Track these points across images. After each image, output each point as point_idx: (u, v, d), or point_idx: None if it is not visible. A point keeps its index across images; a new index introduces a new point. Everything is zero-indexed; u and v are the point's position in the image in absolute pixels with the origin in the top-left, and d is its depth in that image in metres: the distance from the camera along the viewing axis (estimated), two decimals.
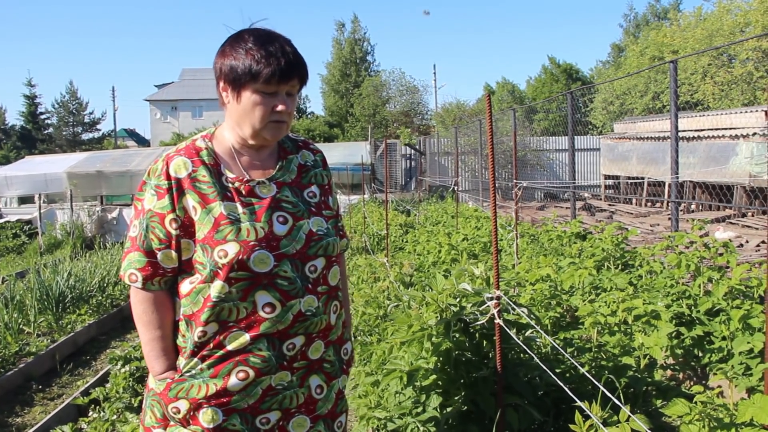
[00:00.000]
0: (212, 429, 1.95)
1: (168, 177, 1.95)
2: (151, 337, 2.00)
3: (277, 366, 1.98)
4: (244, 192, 1.99)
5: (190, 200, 1.94)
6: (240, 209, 1.95)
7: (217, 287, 1.91)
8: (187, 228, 1.95)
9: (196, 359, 1.96)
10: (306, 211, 2.06)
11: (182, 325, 2.00)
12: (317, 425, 2.11)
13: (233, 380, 1.94)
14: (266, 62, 1.90)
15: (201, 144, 2.04)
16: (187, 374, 1.97)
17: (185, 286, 1.98)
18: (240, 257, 1.88)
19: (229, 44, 1.98)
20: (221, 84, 2.00)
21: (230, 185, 1.98)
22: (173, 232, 1.94)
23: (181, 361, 1.99)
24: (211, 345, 1.95)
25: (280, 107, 1.96)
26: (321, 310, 2.05)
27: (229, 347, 1.94)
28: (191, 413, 1.96)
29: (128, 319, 9.32)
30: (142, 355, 6.20)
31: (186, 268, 1.98)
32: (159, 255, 1.95)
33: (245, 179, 2.01)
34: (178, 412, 1.97)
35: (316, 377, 2.10)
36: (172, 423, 2.00)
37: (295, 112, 2.10)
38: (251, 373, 1.95)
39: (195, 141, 2.05)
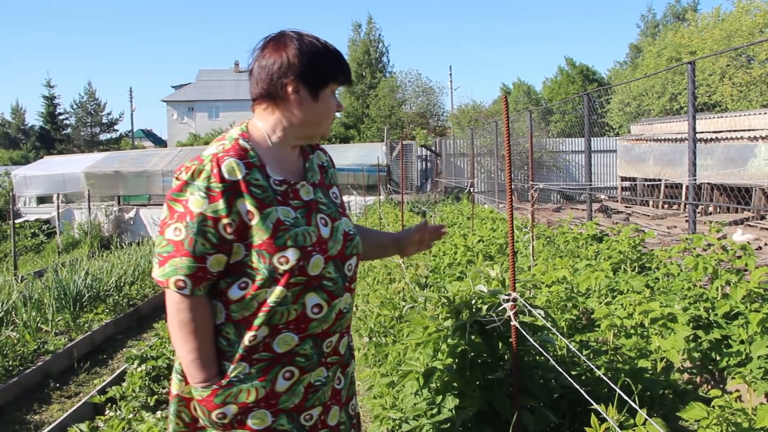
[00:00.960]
0: (262, 431, 1.95)
1: (222, 179, 1.87)
2: (197, 345, 1.91)
3: (317, 363, 2.03)
4: (292, 195, 1.99)
5: (247, 204, 1.88)
6: (293, 213, 1.96)
7: (276, 293, 1.90)
8: (240, 232, 1.89)
9: (244, 363, 1.93)
10: (336, 212, 2.11)
11: (229, 330, 1.94)
12: (342, 413, 2.17)
13: (280, 381, 1.96)
14: (345, 65, 2.01)
15: (245, 144, 1.97)
16: (235, 380, 1.92)
17: (235, 292, 1.93)
18: (300, 263, 1.90)
19: (298, 43, 1.96)
20: (293, 83, 1.96)
21: (278, 188, 1.97)
22: (228, 237, 1.88)
23: (228, 366, 1.93)
24: (261, 348, 1.93)
25: (340, 106, 2.08)
26: (352, 306, 2.13)
27: (278, 350, 1.95)
28: (239, 417, 1.94)
29: (144, 318, 9.39)
30: (159, 354, 6.28)
31: (231, 271, 1.93)
32: (209, 260, 1.88)
33: (292, 181, 2.01)
34: (224, 417, 1.93)
35: (340, 369, 2.17)
36: (203, 425, 2.00)
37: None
38: (296, 372, 1.98)
39: (237, 141, 1.98)
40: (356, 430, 2.30)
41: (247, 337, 1.91)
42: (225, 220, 1.86)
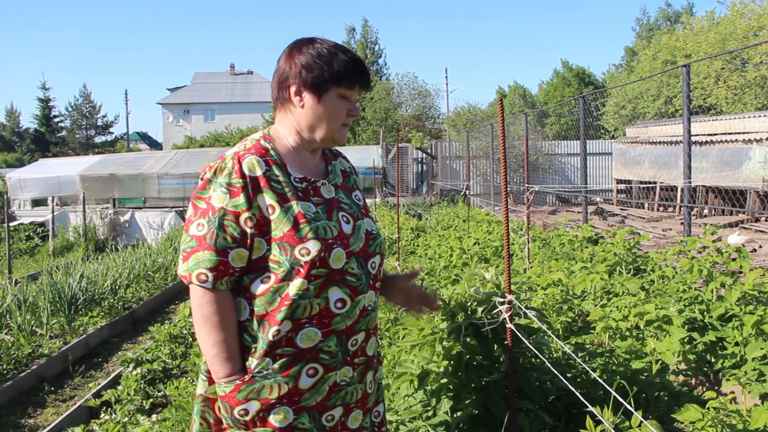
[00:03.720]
0: (283, 428, 1.95)
1: (242, 175, 1.93)
2: (220, 339, 1.93)
3: (342, 362, 2.03)
4: (312, 192, 2.04)
5: (267, 199, 1.94)
6: (314, 208, 2.00)
7: (297, 285, 1.92)
8: (261, 227, 1.93)
9: (267, 359, 1.94)
10: (359, 212, 2.14)
11: (253, 325, 1.96)
12: (365, 418, 2.16)
13: (304, 378, 1.96)
14: (352, 68, 2.01)
15: (266, 144, 2.04)
16: (258, 375, 1.94)
17: (257, 286, 1.96)
18: (322, 255, 1.92)
19: (306, 46, 2.03)
20: (295, 86, 2.03)
21: (299, 185, 2.02)
22: (248, 231, 1.92)
23: (252, 362, 1.95)
24: (284, 343, 1.94)
25: (354, 111, 2.06)
26: (377, 304, 2.14)
27: (302, 345, 1.95)
28: (260, 414, 1.94)
29: (140, 321, 9.37)
30: (154, 357, 6.27)
31: (254, 267, 1.96)
32: (231, 254, 1.92)
33: (312, 179, 2.06)
34: (246, 414, 1.94)
35: (370, 373, 2.16)
36: (226, 426, 2.00)
37: None
38: (320, 369, 1.98)
39: (259, 141, 2.05)
40: None
41: (271, 332, 1.93)
42: (245, 215, 1.92)
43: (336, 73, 1.98)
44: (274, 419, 1.94)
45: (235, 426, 1.97)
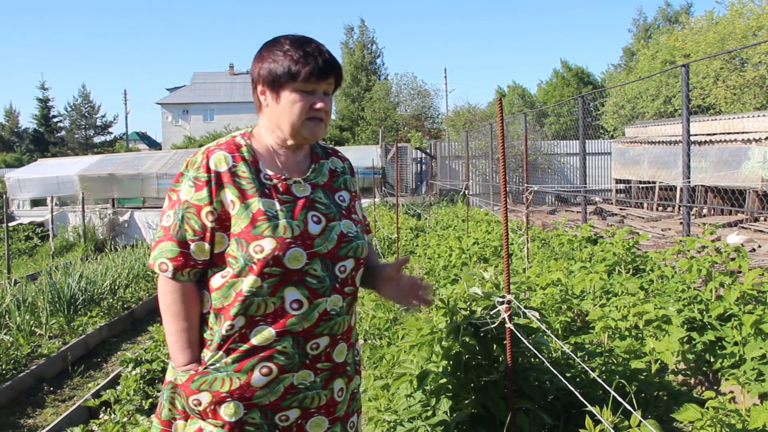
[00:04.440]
0: (233, 423, 1.96)
1: (208, 170, 1.98)
2: (177, 328, 2.00)
3: (300, 364, 2.01)
4: (281, 189, 2.03)
5: (229, 194, 1.96)
6: (277, 206, 1.99)
7: (249, 282, 1.93)
8: (222, 221, 1.97)
9: (221, 352, 1.98)
10: (338, 213, 2.11)
11: (211, 318, 2.01)
12: (334, 426, 2.13)
13: (256, 375, 1.96)
14: (305, 62, 1.98)
15: (240, 141, 2.07)
16: (211, 367, 1.98)
17: (216, 280, 2.00)
18: (276, 253, 1.91)
19: (266, 49, 2.05)
20: (260, 87, 2.06)
21: (268, 182, 2.02)
22: (209, 225, 1.96)
23: (206, 354, 2.00)
24: (237, 338, 1.96)
25: (318, 105, 2.02)
26: (344, 310, 2.09)
27: (254, 341, 1.96)
28: (212, 406, 1.97)
29: (139, 321, 9.36)
30: (153, 357, 6.27)
31: (217, 261, 2.00)
32: (192, 246, 1.97)
33: (283, 177, 2.06)
34: (199, 404, 1.98)
35: (340, 380, 2.12)
36: (192, 415, 2.02)
37: (332, 113, 2.15)
38: (274, 369, 1.97)
39: (234, 138, 2.09)
40: None
41: (225, 326, 1.96)
42: (207, 208, 1.96)
43: (288, 69, 1.97)
44: (224, 412, 1.96)
45: (192, 413, 2.01)
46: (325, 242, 2.01)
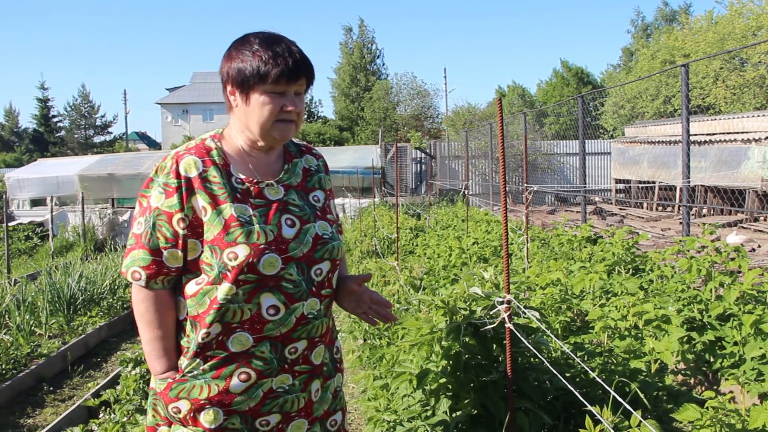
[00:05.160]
0: (213, 429, 1.95)
1: (178, 176, 1.93)
2: (152, 336, 1.98)
3: (278, 369, 1.99)
4: (253, 193, 1.99)
5: (200, 200, 1.93)
6: (250, 211, 1.95)
7: (224, 289, 1.90)
8: (194, 228, 1.93)
9: (198, 360, 1.95)
10: (312, 215, 2.07)
11: (187, 326, 1.98)
12: (314, 427, 2.12)
13: (235, 381, 1.95)
14: (274, 63, 1.91)
15: (211, 144, 2.03)
16: (189, 374, 1.96)
17: (191, 287, 1.97)
18: (250, 260, 1.88)
19: (235, 48, 1.99)
20: (229, 88, 2.00)
21: (240, 186, 1.98)
22: (180, 232, 1.93)
23: (183, 362, 1.98)
24: (214, 346, 1.94)
25: (289, 107, 1.96)
26: (322, 313, 2.06)
27: (232, 349, 1.94)
28: (192, 414, 1.96)
29: None
30: None
31: (191, 268, 1.97)
32: (164, 254, 1.93)
33: (255, 180, 2.01)
34: (179, 412, 1.96)
35: (317, 381, 2.11)
36: (174, 422, 2.01)
37: (304, 114, 2.10)
38: (253, 374, 1.96)
39: (204, 140, 2.05)
40: None
41: (201, 334, 1.94)
42: (178, 215, 1.93)
43: (258, 70, 1.91)
44: (204, 419, 1.95)
45: (173, 420, 2.00)
46: (300, 246, 1.99)
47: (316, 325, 2.04)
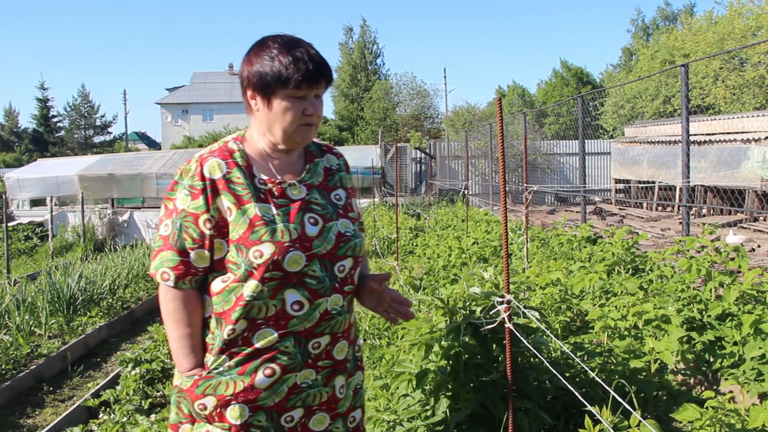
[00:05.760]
0: (239, 425, 1.98)
1: (202, 178, 1.99)
2: (180, 334, 2.02)
3: (302, 363, 2.03)
4: (276, 193, 2.04)
5: (225, 201, 1.98)
6: (274, 210, 2.00)
7: (251, 287, 1.95)
8: (220, 228, 1.99)
9: (224, 356, 2.00)
10: (334, 213, 2.12)
11: (212, 323, 2.03)
12: (336, 422, 2.15)
13: (260, 377, 1.98)
14: (295, 68, 1.95)
15: (233, 146, 2.08)
16: (215, 371, 2.00)
17: (217, 285, 2.02)
18: (275, 258, 1.93)
19: (254, 52, 2.02)
20: (249, 92, 2.04)
21: (263, 187, 2.03)
22: (207, 232, 1.98)
23: (209, 359, 2.02)
24: (240, 342, 1.99)
25: (310, 110, 2.01)
26: (345, 309, 2.11)
27: (258, 345, 1.98)
28: (218, 410, 1.99)
29: (138, 321, 9.36)
30: (152, 357, 6.27)
31: (217, 267, 2.02)
32: (192, 254, 1.99)
33: (277, 181, 2.06)
34: (205, 408, 2.00)
35: (341, 377, 2.14)
36: (198, 419, 2.04)
37: (322, 115, 2.13)
38: (278, 370, 1.99)
39: (227, 143, 2.10)
40: None
41: (226, 331, 1.98)
42: (204, 216, 1.98)
43: (278, 75, 1.96)
44: (230, 415, 1.99)
45: (199, 418, 2.03)
46: (323, 243, 2.03)
47: (339, 321, 2.08)
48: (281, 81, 1.95)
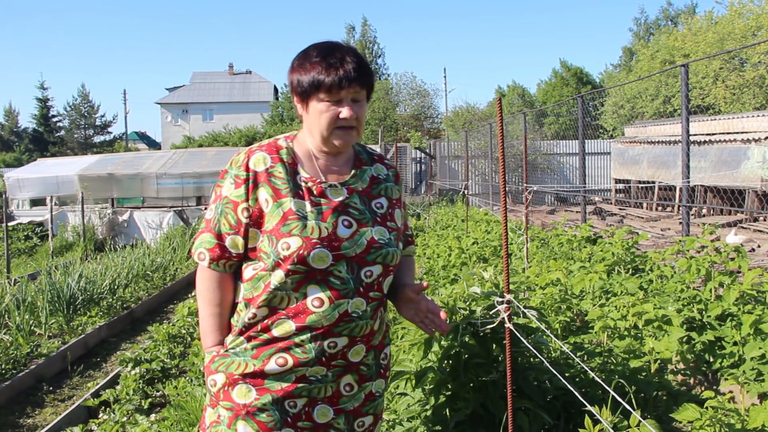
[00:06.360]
0: (243, 405, 2.07)
1: (247, 169, 2.10)
2: (209, 313, 2.15)
3: (316, 360, 2.08)
4: (315, 192, 2.12)
5: (264, 193, 2.08)
6: (308, 207, 2.08)
7: (278, 276, 2.03)
8: (256, 218, 2.08)
9: (242, 338, 2.10)
10: (371, 220, 2.17)
11: (240, 307, 2.14)
12: (338, 418, 2.17)
13: (271, 365, 2.06)
14: (327, 72, 2.05)
15: (282, 143, 2.20)
16: (231, 351, 2.11)
17: (248, 272, 2.12)
18: (301, 252, 2.00)
19: (297, 60, 2.15)
20: (295, 97, 2.17)
21: (303, 184, 2.12)
22: (243, 220, 2.09)
23: (229, 338, 2.14)
24: (259, 327, 2.08)
25: (344, 113, 2.08)
26: (368, 314, 2.13)
27: (275, 333, 2.07)
28: (225, 387, 2.09)
29: (138, 321, 9.36)
30: (152, 357, 6.29)
31: (251, 255, 2.12)
32: (227, 240, 2.11)
33: (318, 180, 2.15)
34: (215, 384, 2.11)
35: (349, 376, 2.18)
36: (211, 400, 2.15)
37: (365, 119, 2.21)
38: (290, 361, 2.06)
39: (277, 140, 2.21)
40: None
41: (248, 314, 2.09)
42: (243, 205, 2.09)
43: (313, 80, 2.07)
44: (236, 394, 2.08)
45: (209, 395, 2.15)
46: (353, 246, 2.08)
47: (360, 325, 2.12)
48: (315, 85, 2.06)
